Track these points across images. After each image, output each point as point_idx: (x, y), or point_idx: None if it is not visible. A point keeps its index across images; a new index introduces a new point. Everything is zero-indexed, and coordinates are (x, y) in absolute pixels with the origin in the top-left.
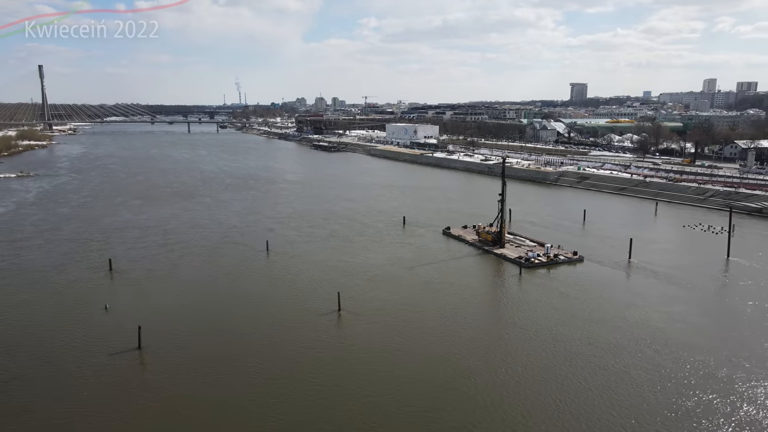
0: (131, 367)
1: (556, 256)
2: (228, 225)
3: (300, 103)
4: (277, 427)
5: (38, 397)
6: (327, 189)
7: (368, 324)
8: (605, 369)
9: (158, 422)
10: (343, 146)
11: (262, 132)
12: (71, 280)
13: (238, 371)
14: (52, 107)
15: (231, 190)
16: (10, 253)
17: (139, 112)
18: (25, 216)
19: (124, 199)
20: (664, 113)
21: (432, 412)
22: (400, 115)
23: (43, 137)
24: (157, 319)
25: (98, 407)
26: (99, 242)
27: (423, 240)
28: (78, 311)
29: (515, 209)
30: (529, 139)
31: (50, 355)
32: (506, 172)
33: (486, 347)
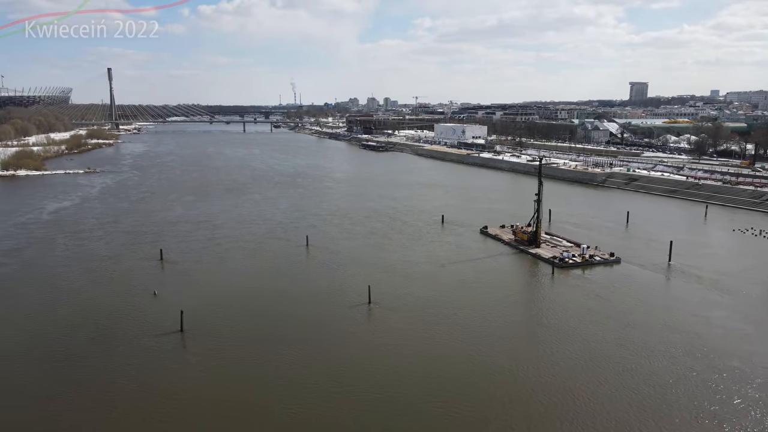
0: (173, 348)
1: (591, 257)
2: (273, 221)
3: (352, 104)
4: (299, 412)
5: (91, 374)
6: (372, 188)
7: (398, 317)
8: (631, 371)
9: (191, 400)
10: (391, 146)
11: (314, 132)
12: (126, 269)
13: (269, 356)
14: (119, 108)
15: (279, 188)
16: (74, 243)
17: (198, 112)
18: (89, 209)
19: (179, 195)
20: (728, 113)
21: (452, 406)
22: (451, 116)
23: (110, 136)
24: (200, 306)
25: (142, 384)
26: (152, 235)
27: (461, 239)
28: (130, 297)
29: (559, 210)
30: (580, 140)
31: (104, 336)
32: (551, 173)
33: (514, 345)
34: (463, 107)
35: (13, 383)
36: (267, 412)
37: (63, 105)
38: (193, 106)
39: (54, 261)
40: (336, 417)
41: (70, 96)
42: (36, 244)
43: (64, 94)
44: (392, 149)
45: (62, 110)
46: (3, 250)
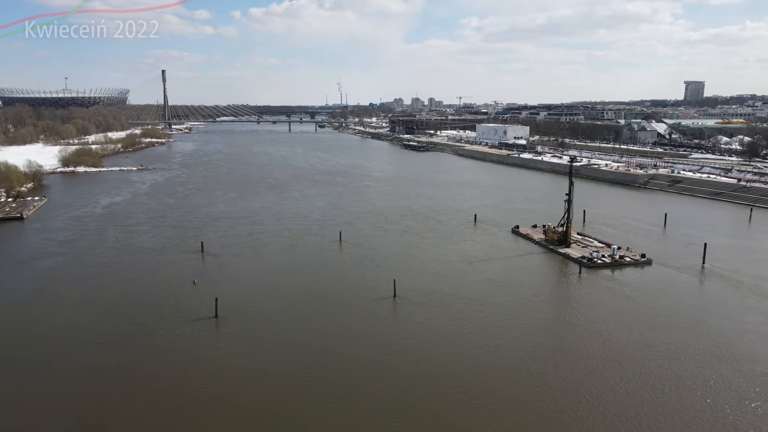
0: (207, 332)
1: (621, 258)
2: (310, 218)
3: (397, 104)
4: (321, 399)
5: (131, 356)
6: (409, 187)
7: (423, 312)
8: (654, 372)
9: (222, 381)
10: (432, 146)
11: (357, 131)
12: (169, 260)
13: (295, 345)
14: (172, 108)
15: (318, 186)
16: (123, 236)
17: (246, 113)
18: (139, 204)
19: (223, 192)
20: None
21: (468, 399)
22: (494, 116)
23: (162, 135)
24: (235, 295)
25: (177, 365)
26: (195, 229)
27: (492, 238)
28: (171, 285)
29: (596, 212)
30: (625, 141)
31: (145, 320)
32: (592, 174)
33: (536, 343)
34: (509, 107)
35: (64, 361)
36: (292, 398)
37: (121, 105)
38: (241, 107)
39: (104, 252)
40: (354, 406)
41: (127, 97)
42: (89, 236)
43: (122, 95)
44: (433, 149)
45: (120, 110)
46: (60, 240)
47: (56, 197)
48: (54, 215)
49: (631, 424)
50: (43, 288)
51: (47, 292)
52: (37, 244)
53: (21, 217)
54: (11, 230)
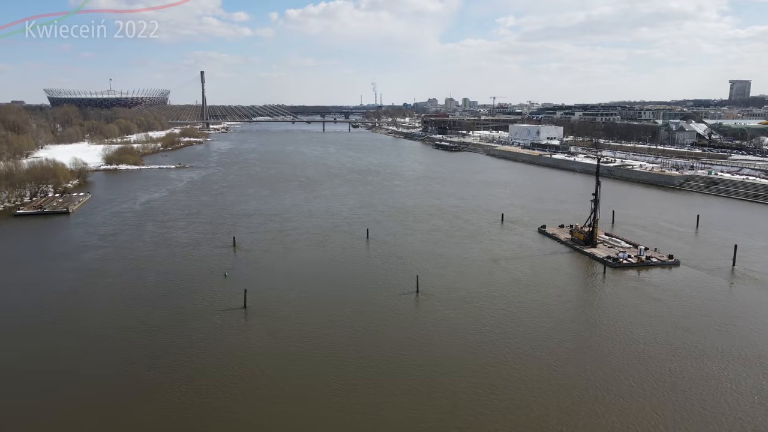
0: (236, 321)
1: (648, 258)
2: (339, 216)
3: (431, 104)
4: (342, 388)
5: (165, 344)
6: (439, 187)
7: (446, 308)
8: (675, 373)
9: (249, 368)
10: (464, 146)
11: (390, 131)
12: (202, 254)
13: (320, 336)
14: (210, 108)
15: (349, 185)
16: (160, 230)
17: (282, 113)
18: (175, 201)
19: (256, 190)
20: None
21: (487, 394)
22: (528, 116)
23: (200, 135)
24: (264, 288)
25: (208, 352)
26: (228, 225)
27: (518, 238)
28: (204, 278)
29: (627, 213)
30: (663, 142)
31: (179, 310)
32: (625, 175)
33: (557, 341)
34: (543, 108)
35: (103, 347)
36: (315, 386)
37: (161, 106)
38: (277, 107)
39: (142, 246)
40: (374, 397)
41: (168, 97)
42: (129, 231)
43: (162, 96)
44: (465, 149)
45: (160, 110)
46: (101, 234)
47: (99, 193)
48: (97, 210)
49: (649, 422)
50: (85, 279)
51: (89, 284)
52: (81, 238)
53: (67, 211)
54: (58, 224)
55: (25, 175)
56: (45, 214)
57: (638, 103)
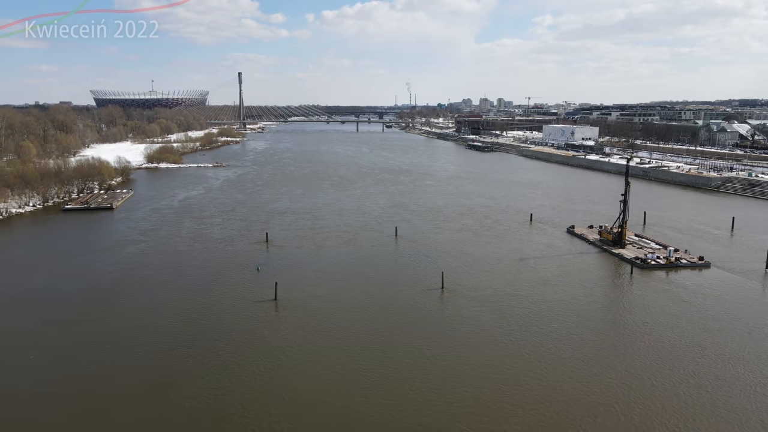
0: (266, 313)
1: (677, 260)
2: (370, 215)
3: (465, 104)
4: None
5: (200, 334)
6: (470, 187)
7: (472, 306)
8: (700, 374)
9: (276, 355)
10: (497, 146)
11: (423, 132)
12: (236, 250)
13: (346, 327)
14: (247, 108)
15: (381, 184)
16: (197, 227)
17: (317, 113)
18: (211, 199)
19: (289, 189)
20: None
21: (509, 389)
22: (564, 116)
23: (237, 134)
24: (294, 282)
25: (239, 342)
26: (262, 223)
27: (548, 238)
28: (237, 272)
29: (661, 214)
30: (702, 143)
31: (213, 302)
32: (661, 177)
33: (582, 339)
34: (580, 108)
35: (143, 336)
36: (340, 377)
37: (200, 106)
38: (312, 107)
39: (180, 241)
40: (397, 390)
41: (206, 98)
42: (167, 226)
43: (202, 97)
44: (497, 150)
45: (199, 111)
46: (142, 229)
47: (141, 190)
48: (138, 206)
49: (670, 421)
50: (127, 272)
51: (130, 275)
52: (123, 232)
53: (111, 207)
54: (103, 219)
55: (73, 173)
56: (91, 210)
57: (680, 103)
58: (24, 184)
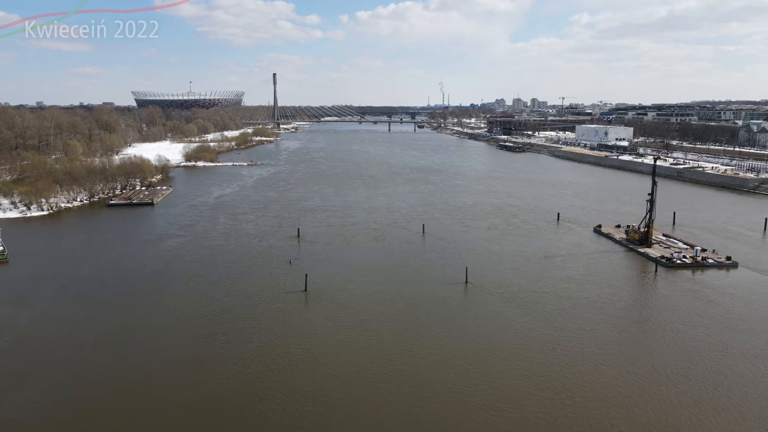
0: (297, 303)
1: (704, 260)
2: (399, 213)
3: (498, 104)
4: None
5: (235, 323)
6: (500, 187)
7: (497, 301)
8: (721, 372)
9: (305, 344)
10: (528, 147)
11: (455, 132)
12: (269, 245)
13: (373, 318)
14: (281, 109)
15: (411, 184)
16: (231, 223)
17: (349, 113)
18: (245, 196)
19: (321, 187)
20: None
21: (529, 381)
22: (599, 117)
23: (271, 134)
24: (324, 275)
25: (273, 331)
26: (293, 219)
27: (575, 237)
28: (270, 265)
29: (697, 215)
30: (742, 143)
31: (247, 293)
32: (695, 177)
33: (605, 336)
34: (617, 108)
35: (182, 325)
36: (366, 366)
37: (236, 107)
38: (345, 107)
39: (215, 235)
40: (421, 379)
41: (242, 98)
42: (204, 222)
43: (237, 97)
44: (529, 150)
45: (235, 111)
46: (180, 224)
47: (179, 187)
48: (177, 203)
49: (687, 415)
50: (166, 264)
51: (169, 268)
52: (163, 227)
53: (152, 203)
54: (144, 213)
55: (116, 170)
56: (133, 205)
57: (722, 102)
58: (72, 180)
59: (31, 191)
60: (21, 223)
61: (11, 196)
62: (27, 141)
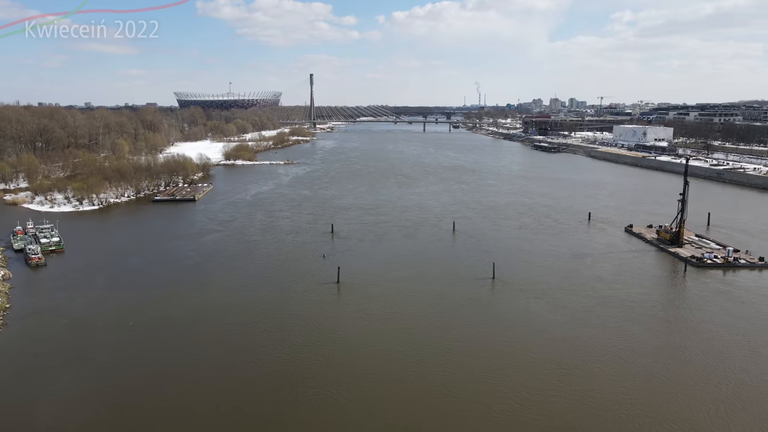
0: (329, 294)
1: (735, 260)
2: (431, 212)
3: (535, 104)
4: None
5: (271, 312)
6: (534, 187)
7: (525, 297)
8: (747, 371)
9: (337, 334)
10: (564, 147)
11: (490, 132)
12: (304, 240)
13: (402, 312)
14: (317, 109)
15: (444, 183)
16: (268, 219)
17: (385, 113)
18: (281, 194)
19: (355, 186)
20: None
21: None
22: (638, 117)
23: (308, 134)
24: (356, 269)
25: (306, 320)
26: (327, 217)
27: (606, 237)
28: (304, 259)
29: (738, 217)
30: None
31: (282, 284)
32: (736, 179)
33: (631, 333)
34: (659, 107)
35: (222, 314)
36: (393, 356)
37: (274, 107)
38: (380, 107)
39: (252, 231)
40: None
41: (279, 99)
42: (241, 218)
43: (275, 98)
44: (564, 150)
45: (273, 111)
46: (220, 220)
47: (219, 185)
48: (216, 199)
49: (707, 410)
50: (206, 257)
51: (209, 261)
52: (203, 222)
53: (193, 199)
54: (186, 209)
55: (161, 168)
56: (176, 201)
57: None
58: (120, 177)
59: (83, 187)
60: (74, 217)
61: (65, 191)
62: (78, 140)
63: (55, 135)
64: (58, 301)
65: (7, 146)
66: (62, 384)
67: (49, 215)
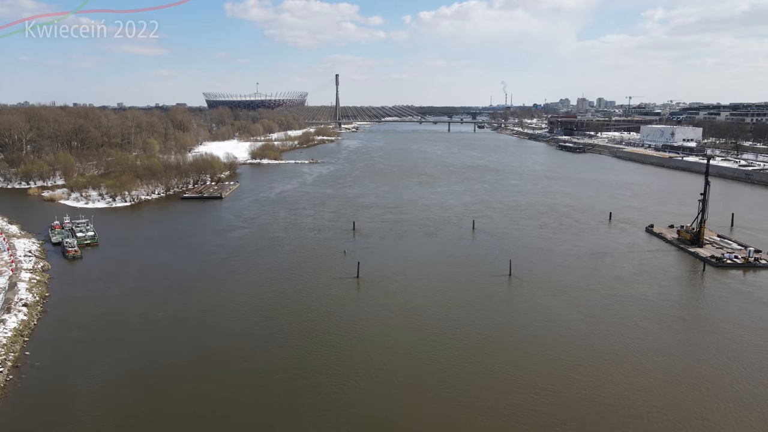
0: (349, 289)
1: (756, 260)
2: (452, 211)
3: (562, 104)
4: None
5: (293, 305)
6: (557, 187)
7: (544, 295)
8: (764, 371)
9: (356, 329)
10: (589, 147)
11: (515, 132)
12: (326, 237)
13: (421, 307)
14: (342, 109)
15: (466, 183)
16: (291, 216)
17: (410, 113)
18: (304, 193)
19: (377, 185)
20: None
21: (565, 372)
22: (668, 117)
23: (333, 133)
24: (376, 265)
25: (326, 315)
26: (349, 215)
27: (626, 236)
28: (326, 255)
29: (756, 217)
30: None
31: (304, 279)
32: (765, 180)
33: (647, 331)
34: (690, 107)
35: (247, 307)
36: (411, 351)
37: (300, 107)
38: (405, 107)
39: (276, 228)
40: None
41: (305, 99)
42: (266, 215)
43: (301, 98)
44: (590, 150)
45: (299, 111)
46: (245, 218)
47: (245, 183)
48: (242, 197)
49: (718, 406)
50: (232, 252)
51: (235, 256)
52: (229, 219)
53: (220, 197)
54: (213, 206)
55: (189, 166)
56: (204, 199)
57: None
58: (151, 175)
59: (116, 184)
60: (108, 213)
61: (99, 188)
62: (111, 139)
63: (89, 134)
64: (94, 291)
65: (45, 145)
66: (101, 367)
67: (84, 211)
